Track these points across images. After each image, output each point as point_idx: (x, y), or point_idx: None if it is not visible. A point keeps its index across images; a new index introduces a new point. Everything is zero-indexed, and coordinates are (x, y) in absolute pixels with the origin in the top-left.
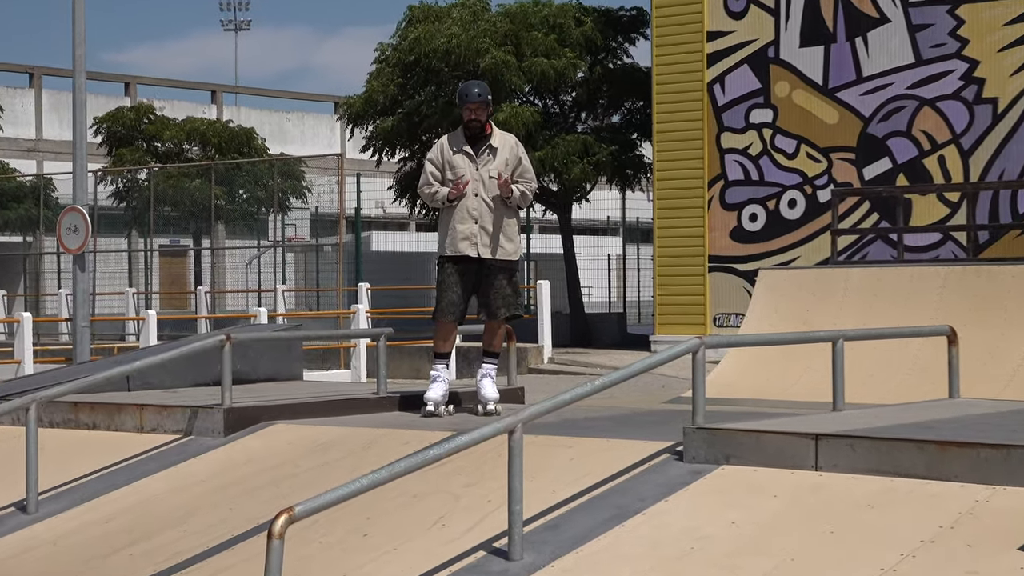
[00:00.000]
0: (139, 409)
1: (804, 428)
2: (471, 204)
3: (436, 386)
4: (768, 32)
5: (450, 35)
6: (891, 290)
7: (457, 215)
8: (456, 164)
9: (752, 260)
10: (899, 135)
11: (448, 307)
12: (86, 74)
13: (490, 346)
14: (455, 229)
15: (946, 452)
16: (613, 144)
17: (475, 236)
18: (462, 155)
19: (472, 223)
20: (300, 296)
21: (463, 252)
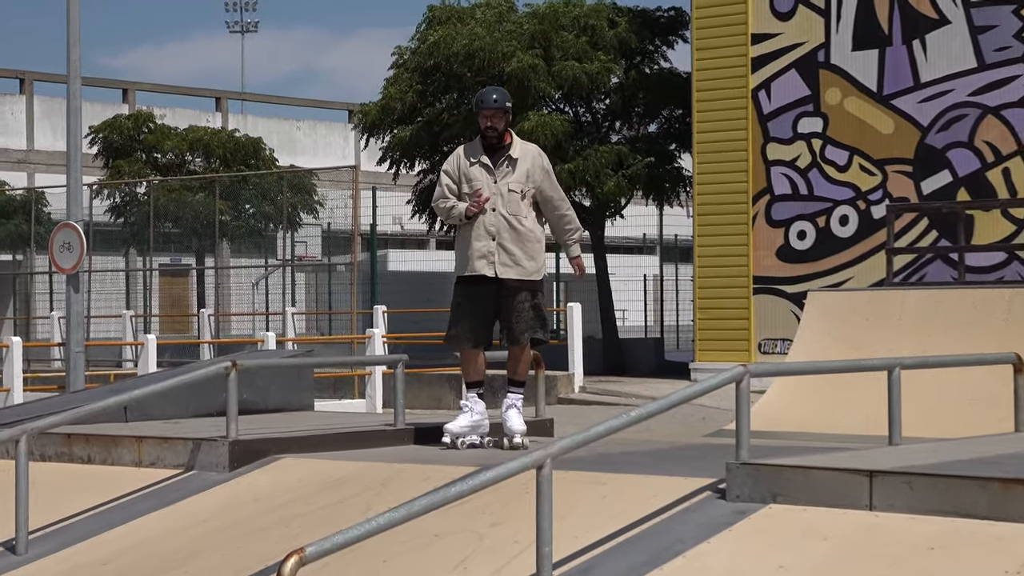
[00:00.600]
0: (137, 442)
1: (857, 464)
2: (488, 220)
3: (461, 417)
4: (818, 34)
5: (473, 37)
6: (951, 314)
7: (474, 232)
8: (473, 177)
9: (800, 281)
10: (960, 146)
11: (462, 334)
12: (81, 79)
13: (514, 374)
14: (472, 247)
15: (1011, 491)
16: (650, 155)
17: (493, 254)
18: (479, 167)
19: (489, 240)
20: (311, 319)
21: (480, 271)
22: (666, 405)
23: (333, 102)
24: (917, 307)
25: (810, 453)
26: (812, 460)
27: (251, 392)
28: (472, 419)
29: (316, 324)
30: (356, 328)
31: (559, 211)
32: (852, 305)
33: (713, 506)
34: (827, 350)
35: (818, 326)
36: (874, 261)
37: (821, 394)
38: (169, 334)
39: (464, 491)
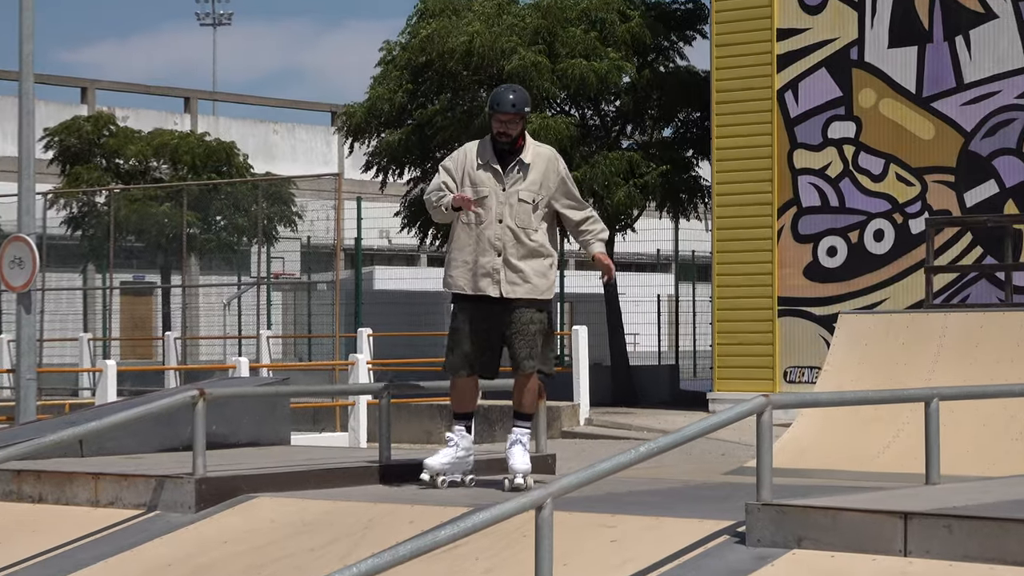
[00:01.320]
0: (94, 479)
1: (891, 505)
2: (494, 232)
3: (443, 452)
4: (851, 30)
5: (471, 32)
6: (998, 339)
7: (476, 245)
8: (479, 180)
9: (830, 303)
10: (1008, 153)
11: (461, 360)
12: (35, 77)
13: (520, 406)
14: (474, 263)
15: None
16: (664, 163)
17: (498, 271)
18: (488, 171)
19: (495, 255)
20: (288, 344)
21: (484, 291)
22: (680, 439)
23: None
24: (959, 331)
25: (839, 493)
26: (841, 501)
27: (221, 424)
28: (456, 455)
29: (294, 349)
30: (338, 353)
31: (581, 215)
32: (888, 329)
33: (732, 551)
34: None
35: (850, 352)
36: (912, 280)
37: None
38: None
39: (456, 534)
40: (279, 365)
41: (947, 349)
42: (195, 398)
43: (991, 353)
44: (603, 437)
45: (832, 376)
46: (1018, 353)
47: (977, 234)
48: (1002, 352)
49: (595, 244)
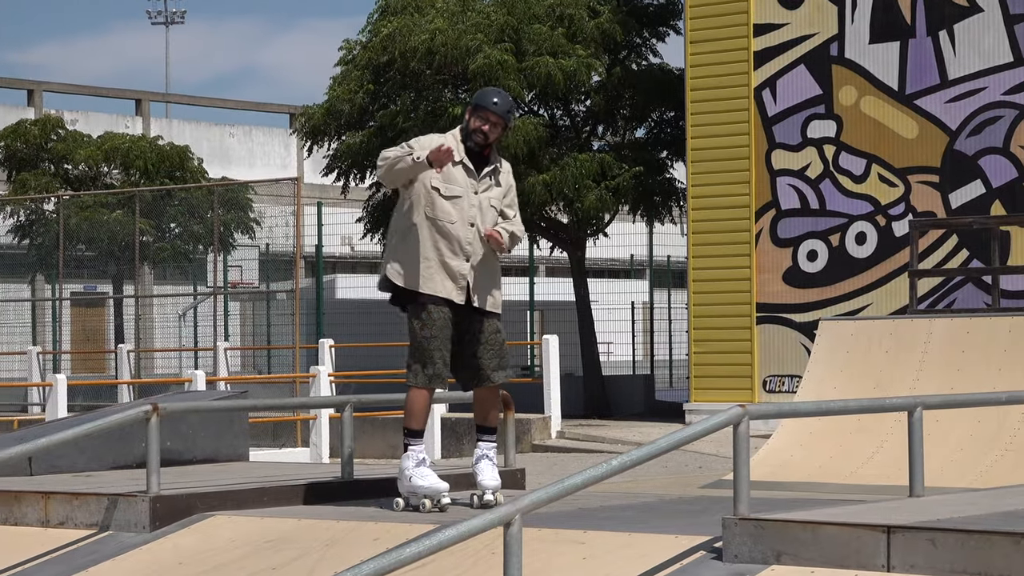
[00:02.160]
0: (44, 498)
1: (873, 518)
2: (464, 235)
3: (427, 472)
4: (831, 25)
5: (433, 30)
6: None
7: (443, 246)
8: (451, 178)
9: (811, 309)
10: (994, 152)
11: (443, 370)
12: None
13: (486, 420)
14: (444, 264)
15: None
16: (637, 164)
17: (464, 278)
18: (463, 169)
19: (463, 260)
20: (247, 355)
21: (449, 295)
22: (653, 452)
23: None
24: (945, 338)
25: (819, 506)
26: (821, 514)
27: (176, 440)
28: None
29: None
30: (299, 365)
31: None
32: (871, 336)
33: (708, 568)
34: (842, 388)
35: (831, 360)
36: (895, 285)
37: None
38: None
39: (421, 552)
40: (237, 378)
41: (932, 356)
42: (148, 413)
43: (978, 360)
44: (575, 450)
45: (813, 385)
46: (1006, 360)
47: (963, 236)
48: (989, 359)
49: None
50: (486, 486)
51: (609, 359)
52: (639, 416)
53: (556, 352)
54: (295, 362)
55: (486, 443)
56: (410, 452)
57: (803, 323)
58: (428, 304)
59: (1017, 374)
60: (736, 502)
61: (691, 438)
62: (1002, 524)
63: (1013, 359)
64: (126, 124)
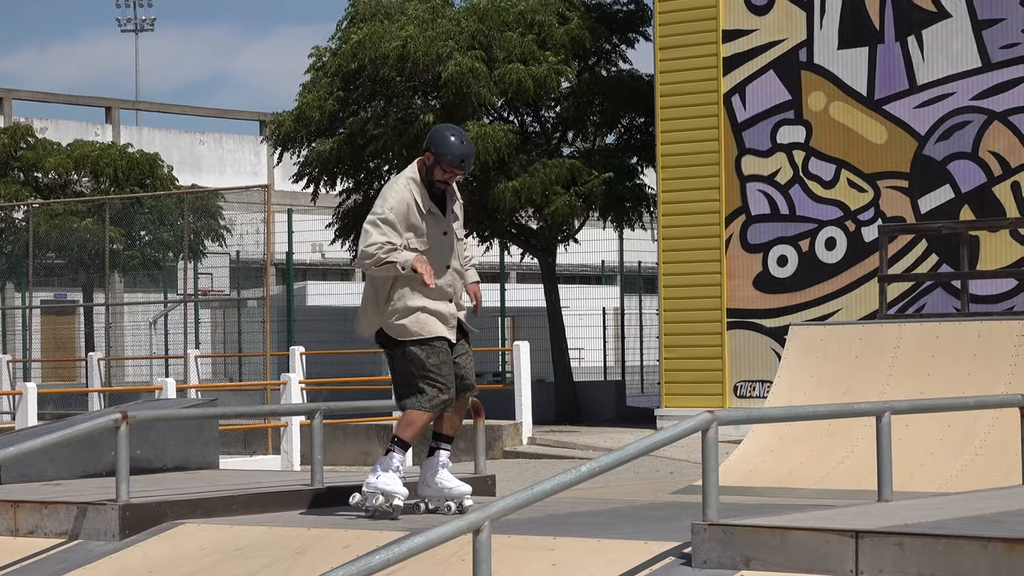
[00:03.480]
0: (13, 507)
1: (842, 523)
2: (446, 280)
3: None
4: (799, 30)
5: (404, 37)
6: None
7: (431, 294)
8: (425, 231)
9: (781, 314)
10: (963, 157)
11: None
12: None
13: (452, 429)
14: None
15: (1015, 553)
16: (607, 170)
17: (454, 317)
18: (431, 216)
19: (448, 302)
20: (218, 363)
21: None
22: (623, 458)
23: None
24: (914, 342)
25: (788, 511)
26: (790, 520)
27: (145, 448)
28: None
29: (224, 368)
30: (269, 373)
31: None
32: (840, 341)
33: (677, 573)
34: (812, 393)
35: (801, 365)
36: (865, 290)
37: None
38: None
39: (391, 559)
40: (208, 386)
41: (902, 361)
42: (118, 422)
43: (948, 365)
44: (547, 456)
45: (783, 390)
46: (975, 364)
47: (932, 241)
48: (959, 363)
49: (471, 271)
50: (463, 492)
51: (580, 365)
52: (610, 422)
53: (527, 358)
54: (266, 369)
55: (447, 451)
56: (392, 456)
57: (773, 328)
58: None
59: (986, 378)
60: (705, 508)
61: (660, 444)
62: (970, 528)
63: (982, 364)
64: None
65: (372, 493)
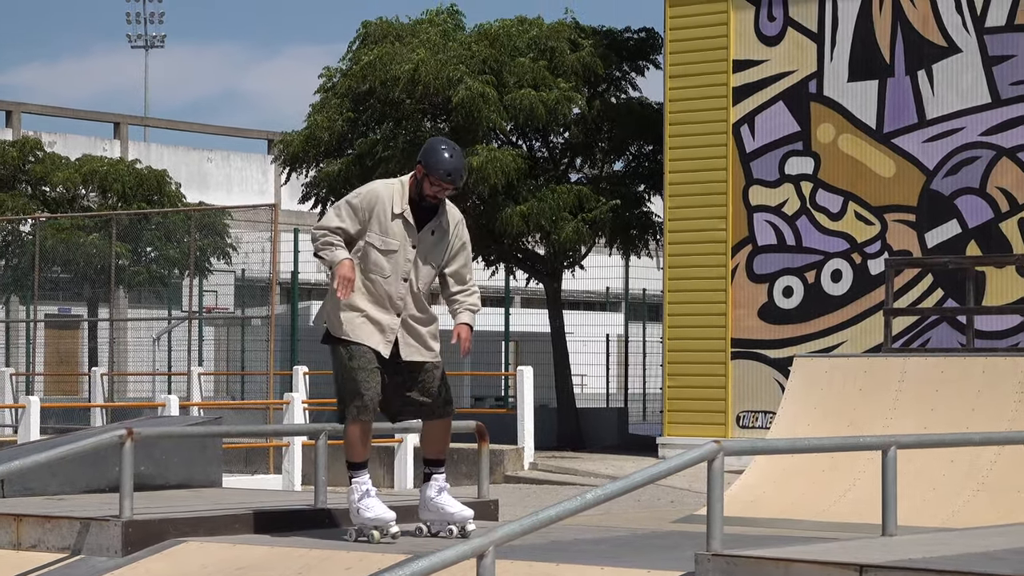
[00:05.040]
0: (16, 521)
1: (846, 557)
2: (396, 290)
3: (375, 503)
4: (810, 62)
5: (415, 60)
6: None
7: (373, 297)
8: (391, 232)
9: (785, 345)
10: (970, 192)
11: (371, 402)
12: None
13: (438, 452)
14: (369, 318)
15: None
16: (615, 198)
17: (394, 331)
18: (402, 222)
19: (394, 316)
20: (220, 381)
21: (376, 347)
22: (627, 486)
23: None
24: (919, 376)
25: (791, 544)
26: (793, 552)
27: (149, 465)
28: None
29: (226, 386)
30: (273, 392)
31: (462, 287)
32: (845, 373)
33: None
34: (815, 425)
35: (805, 397)
36: (870, 323)
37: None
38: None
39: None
40: (211, 404)
41: (906, 395)
42: (122, 438)
43: (952, 400)
44: (548, 482)
45: (786, 422)
46: (979, 401)
47: (938, 276)
48: (963, 399)
49: (464, 314)
50: (465, 516)
51: (583, 391)
52: (612, 449)
53: (531, 383)
54: (269, 388)
55: (441, 475)
56: (354, 484)
57: (777, 359)
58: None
59: (990, 415)
60: (709, 538)
61: (666, 473)
62: (975, 565)
63: (986, 400)
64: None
65: (364, 527)
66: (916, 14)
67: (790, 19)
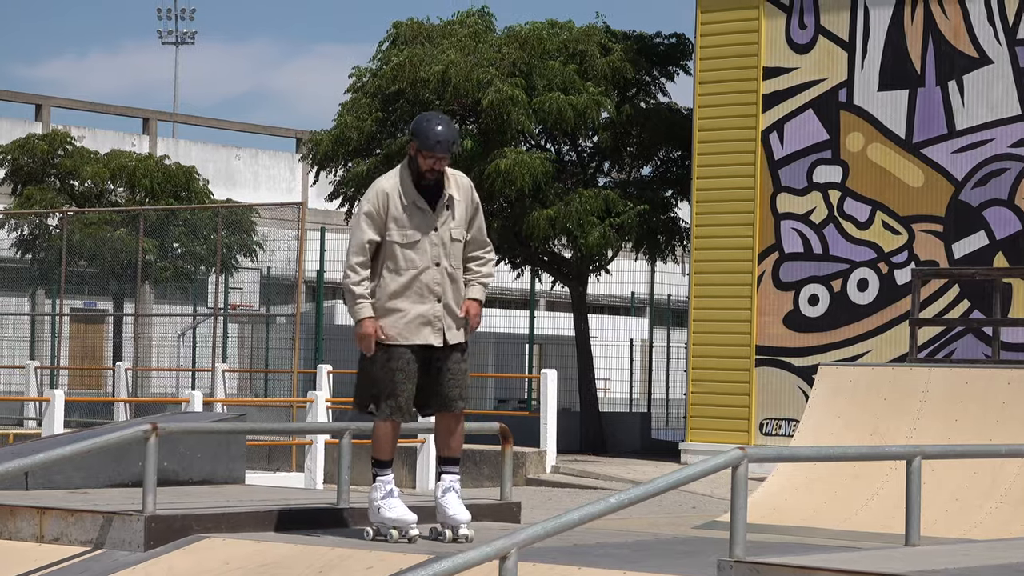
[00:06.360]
0: (39, 513)
1: (868, 566)
2: (432, 276)
3: (397, 504)
4: (840, 71)
5: (445, 62)
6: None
7: (412, 290)
8: (408, 223)
9: (810, 353)
10: (999, 204)
11: (405, 404)
12: None
13: (450, 450)
14: (410, 312)
15: None
16: (642, 202)
17: (439, 319)
18: (416, 211)
19: (435, 302)
20: (244, 378)
21: (427, 341)
22: (652, 491)
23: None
24: (944, 387)
25: (814, 552)
26: (817, 560)
27: (173, 460)
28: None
29: (250, 384)
30: (296, 390)
31: (481, 252)
32: (869, 383)
33: None
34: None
35: (829, 406)
36: (896, 333)
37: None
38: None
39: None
40: (235, 400)
41: (930, 405)
42: (147, 433)
43: (976, 411)
44: (570, 486)
45: (810, 430)
46: (1004, 413)
47: (965, 287)
48: (987, 411)
49: (475, 288)
50: (460, 520)
51: (606, 396)
52: (635, 454)
53: (554, 386)
54: (293, 386)
55: (451, 475)
56: (378, 483)
57: (802, 367)
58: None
59: (1015, 427)
60: (732, 544)
61: (690, 479)
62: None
63: (1011, 412)
64: (132, 143)
65: (383, 525)
66: (948, 25)
67: (821, 27)
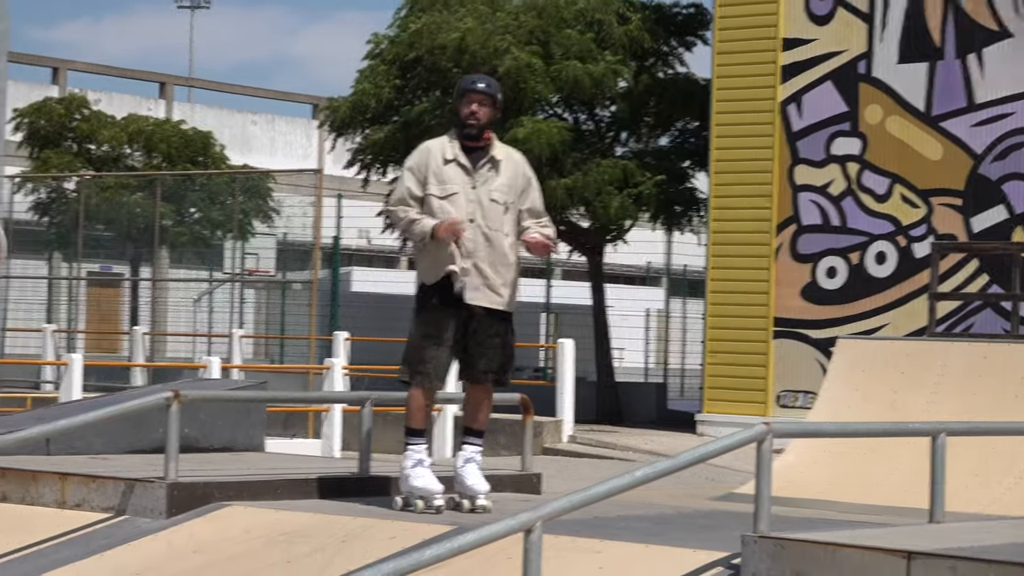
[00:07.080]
0: (61, 479)
1: (894, 543)
2: (464, 234)
3: (426, 474)
4: (859, 42)
5: (463, 29)
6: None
7: (443, 247)
8: (447, 178)
9: (828, 326)
10: (1018, 178)
11: (437, 372)
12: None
13: (475, 421)
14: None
15: None
16: (659, 173)
17: (467, 275)
18: (456, 166)
19: (464, 259)
20: (260, 344)
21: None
22: (677, 465)
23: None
24: (962, 362)
25: (838, 527)
26: (841, 536)
27: (194, 427)
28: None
29: (266, 349)
30: (313, 356)
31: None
32: (887, 356)
33: None
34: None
35: (847, 379)
36: (914, 306)
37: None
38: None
39: (441, 555)
40: (251, 366)
41: (948, 380)
42: (169, 400)
43: (994, 386)
44: (586, 455)
45: (827, 403)
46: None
47: (984, 261)
48: (1006, 385)
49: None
50: (477, 491)
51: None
52: (651, 424)
53: (571, 356)
54: (310, 352)
55: (473, 446)
56: (409, 451)
57: (819, 339)
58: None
59: None
60: (756, 519)
61: (715, 453)
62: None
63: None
64: (149, 107)
65: (411, 495)
66: None
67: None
